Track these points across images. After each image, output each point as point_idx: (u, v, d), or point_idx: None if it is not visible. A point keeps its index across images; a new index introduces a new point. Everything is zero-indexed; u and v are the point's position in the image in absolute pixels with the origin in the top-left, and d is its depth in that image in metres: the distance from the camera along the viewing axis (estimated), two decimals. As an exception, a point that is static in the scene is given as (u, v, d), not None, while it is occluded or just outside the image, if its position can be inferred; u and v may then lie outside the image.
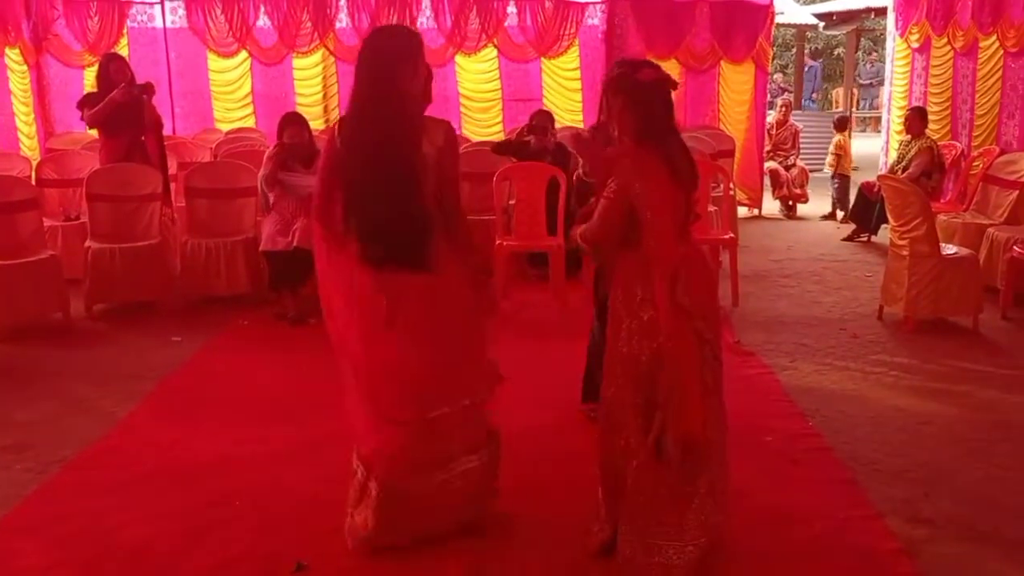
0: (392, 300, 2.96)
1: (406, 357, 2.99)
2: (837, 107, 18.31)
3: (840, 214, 9.97)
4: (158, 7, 9.28)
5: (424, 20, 9.38)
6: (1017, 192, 7.15)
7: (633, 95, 2.88)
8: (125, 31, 9.23)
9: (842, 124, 10.56)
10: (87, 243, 6.32)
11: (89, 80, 8.76)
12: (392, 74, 2.95)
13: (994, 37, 7.95)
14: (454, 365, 3.07)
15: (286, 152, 5.98)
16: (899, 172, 7.97)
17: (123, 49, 8.93)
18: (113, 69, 6.58)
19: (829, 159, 10.31)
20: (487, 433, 3.23)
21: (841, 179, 10.13)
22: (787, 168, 10.59)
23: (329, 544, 3.19)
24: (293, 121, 6.17)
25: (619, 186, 2.83)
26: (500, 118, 9.76)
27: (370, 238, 2.95)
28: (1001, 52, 7.88)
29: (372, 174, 2.95)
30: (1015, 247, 6.08)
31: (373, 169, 2.95)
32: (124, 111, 6.48)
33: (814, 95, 19.94)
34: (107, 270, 6.21)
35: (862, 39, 20.30)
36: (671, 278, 2.75)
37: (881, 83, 14.83)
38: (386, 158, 2.93)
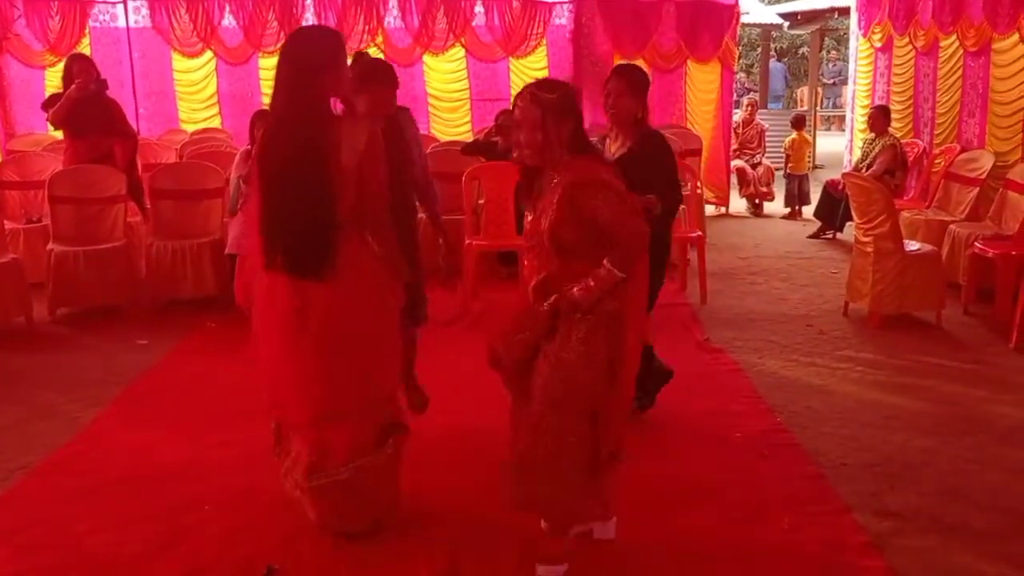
0: (300, 308, 2.95)
1: (304, 364, 3.01)
2: (802, 106, 18.50)
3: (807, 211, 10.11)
4: (121, 6, 9.16)
5: (391, 20, 9.36)
6: (978, 189, 7.28)
7: (573, 109, 2.90)
8: (87, 31, 9.09)
9: (798, 123, 10.71)
10: (50, 246, 6.22)
11: (50, 80, 8.64)
12: (312, 79, 2.92)
13: (954, 37, 8.07)
14: (352, 379, 3.05)
15: None
16: (863, 170, 8.08)
17: (85, 49, 8.80)
18: (77, 69, 6.48)
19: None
20: (380, 434, 3.17)
21: (790, 178, 10.34)
22: (753, 167, 10.70)
23: (300, 547, 3.17)
24: (266, 119, 6.12)
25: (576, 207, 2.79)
26: (468, 118, 9.76)
27: (274, 245, 2.95)
28: (961, 52, 8.00)
29: (282, 180, 2.92)
30: (976, 243, 6.18)
31: (284, 175, 2.92)
32: (86, 112, 6.38)
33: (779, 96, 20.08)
34: (71, 273, 6.12)
35: (826, 38, 20.51)
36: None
37: (844, 82, 15.02)
38: (298, 165, 2.90)
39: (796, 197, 10.34)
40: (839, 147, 12.50)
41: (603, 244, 2.79)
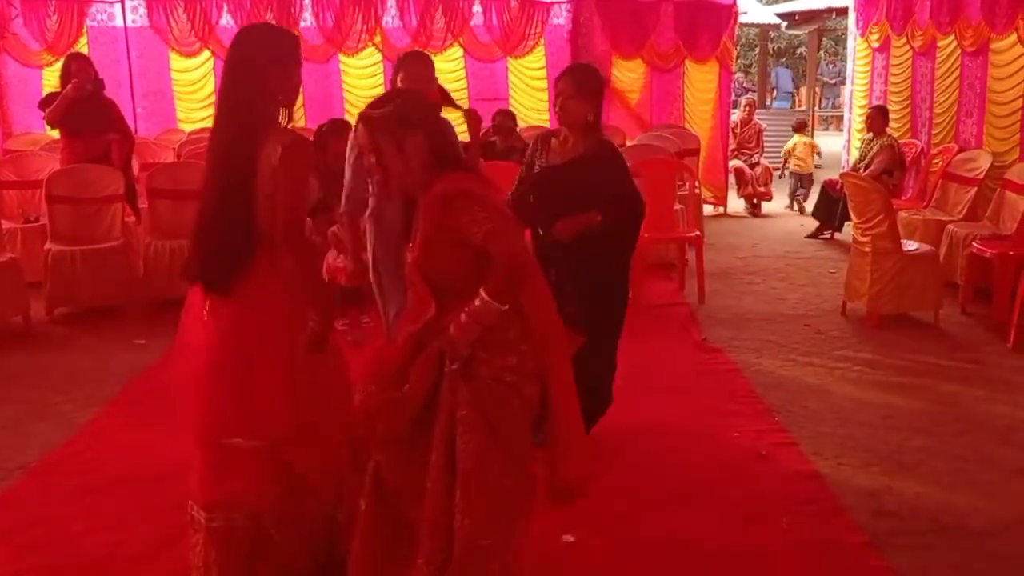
0: (212, 320, 2.71)
1: (215, 381, 2.71)
2: (800, 106, 18.53)
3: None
4: (118, 6, 9.15)
5: (389, 19, 9.35)
6: (975, 189, 7.28)
7: (417, 120, 2.46)
8: (85, 30, 9.08)
9: (800, 127, 10.76)
10: (47, 245, 6.21)
11: (48, 80, 8.63)
12: (248, 80, 2.66)
13: (952, 37, 8.08)
14: (250, 396, 2.69)
15: None
16: (861, 170, 8.08)
17: (83, 48, 8.77)
18: (75, 68, 6.47)
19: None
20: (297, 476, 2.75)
21: (794, 176, 10.56)
22: (752, 166, 10.71)
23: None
24: None
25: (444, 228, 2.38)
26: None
27: (193, 255, 2.74)
28: (959, 52, 8.01)
29: (206, 187, 2.71)
30: (974, 243, 6.19)
31: (207, 183, 2.71)
32: (83, 111, 6.38)
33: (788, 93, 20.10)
34: (68, 273, 6.11)
35: (824, 39, 20.53)
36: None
37: (843, 82, 15.03)
38: (222, 166, 2.68)
39: (798, 194, 10.59)
40: (837, 147, 12.51)
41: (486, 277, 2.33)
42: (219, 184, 2.67)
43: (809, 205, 9.95)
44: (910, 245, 6.05)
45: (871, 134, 8.44)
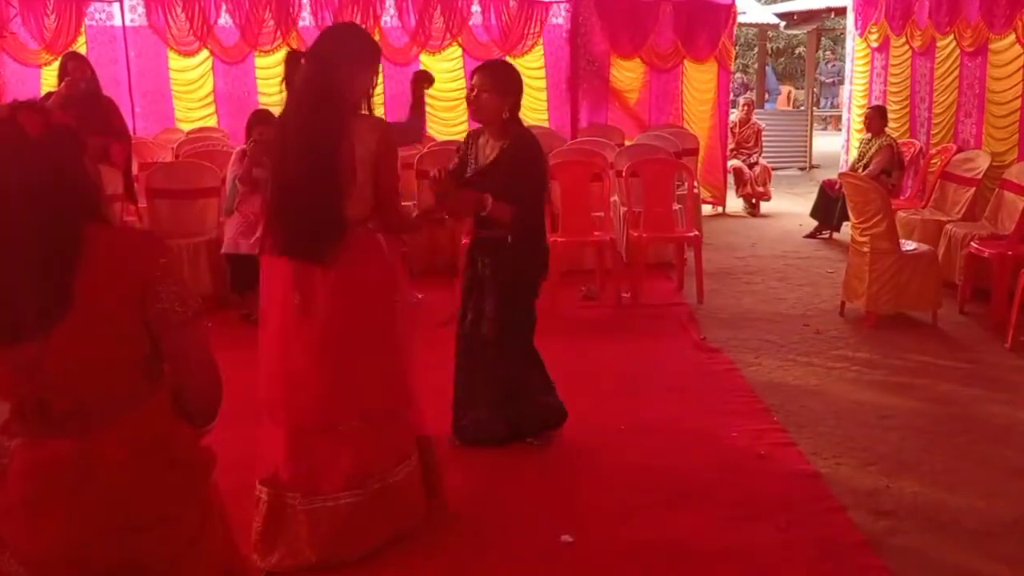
0: (305, 294, 2.94)
1: (317, 359, 2.96)
2: (784, 106, 18.54)
3: None
4: (117, 5, 9.12)
5: (388, 19, 9.33)
6: (974, 189, 7.28)
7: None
8: (83, 29, 9.06)
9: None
10: (46, 245, 6.19)
11: (46, 79, 8.61)
12: (331, 72, 2.92)
13: (951, 37, 8.07)
14: (364, 371, 3.02)
15: (258, 150, 5.93)
16: (860, 170, 8.08)
17: (81, 47, 8.75)
18: (72, 67, 6.47)
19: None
20: (413, 441, 3.18)
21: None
22: (750, 166, 10.71)
23: (296, 546, 3.16)
24: (262, 119, 6.12)
25: None
26: (465, 117, 9.72)
27: (278, 228, 2.97)
28: (958, 52, 8.01)
29: (290, 171, 2.94)
30: (972, 243, 6.19)
31: (292, 167, 2.93)
32: (79, 111, 6.36)
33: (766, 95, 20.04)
34: (67, 272, 6.09)
35: (823, 38, 20.54)
36: None
37: (841, 82, 15.03)
38: (312, 151, 2.90)
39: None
40: (835, 147, 12.51)
41: None
42: (308, 167, 2.90)
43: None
44: (908, 245, 6.06)
45: (869, 134, 8.43)
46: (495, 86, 3.71)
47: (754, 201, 10.73)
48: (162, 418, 1.82)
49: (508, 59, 9.62)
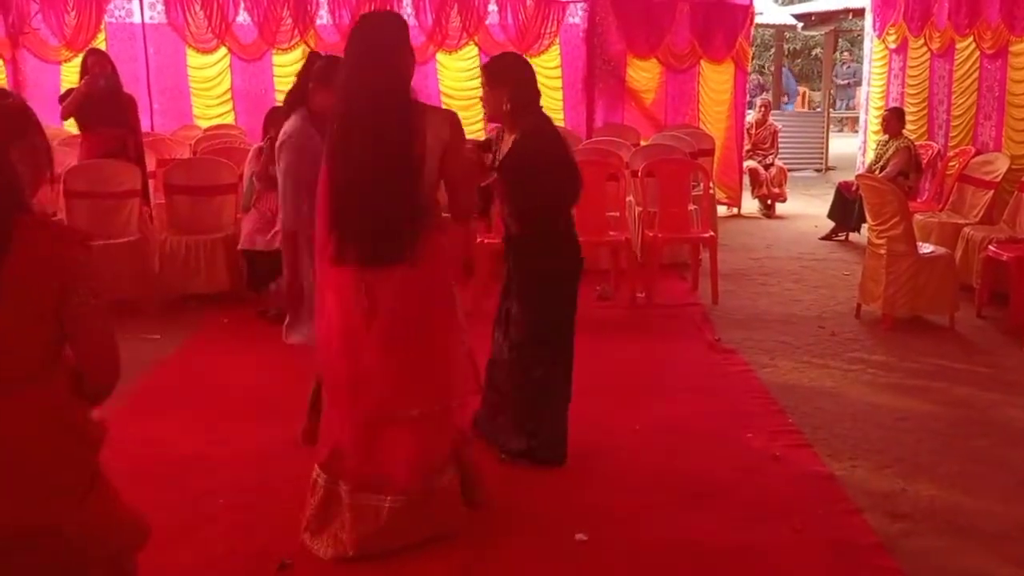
0: (372, 296, 2.92)
1: (383, 355, 2.98)
2: (802, 108, 18.44)
3: None
4: (136, 2, 9.20)
5: (405, 17, 9.30)
6: (992, 192, 7.24)
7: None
8: (103, 26, 9.13)
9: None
10: (65, 240, 6.24)
11: (66, 76, 8.68)
12: (391, 61, 2.86)
13: (971, 39, 8.03)
14: (428, 363, 3.05)
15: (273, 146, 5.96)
16: (877, 172, 8.04)
17: (100, 44, 8.82)
18: (92, 63, 6.53)
19: None
20: (456, 447, 3.20)
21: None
22: (766, 167, 10.68)
23: (312, 541, 3.18)
24: (280, 117, 6.14)
25: None
26: (481, 116, 9.71)
27: (355, 236, 2.90)
28: (977, 54, 7.96)
29: (363, 168, 2.86)
30: (990, 246, 6.15)
31: (365, 163, 2.86)
32: (99, 106, 6.42)
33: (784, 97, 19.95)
34: (85, 267, 6.14)
35: (840, 40, 20.43)
36: None
37: (858, 83, 14.96)
38: (383, 145, 2.84)
39: None
40: (851, 149, 12.45)
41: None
42: (382, 163, 2.83)
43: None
44: (926, 248, 6.03)
45: (887, 136, 8.39)
46: (488, 80, 3.68)
47: (769, 202, 10.69)
48: (61, 394, 1.95)
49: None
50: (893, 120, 8.37)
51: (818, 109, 16.31)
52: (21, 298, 1.83)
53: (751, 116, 11.11)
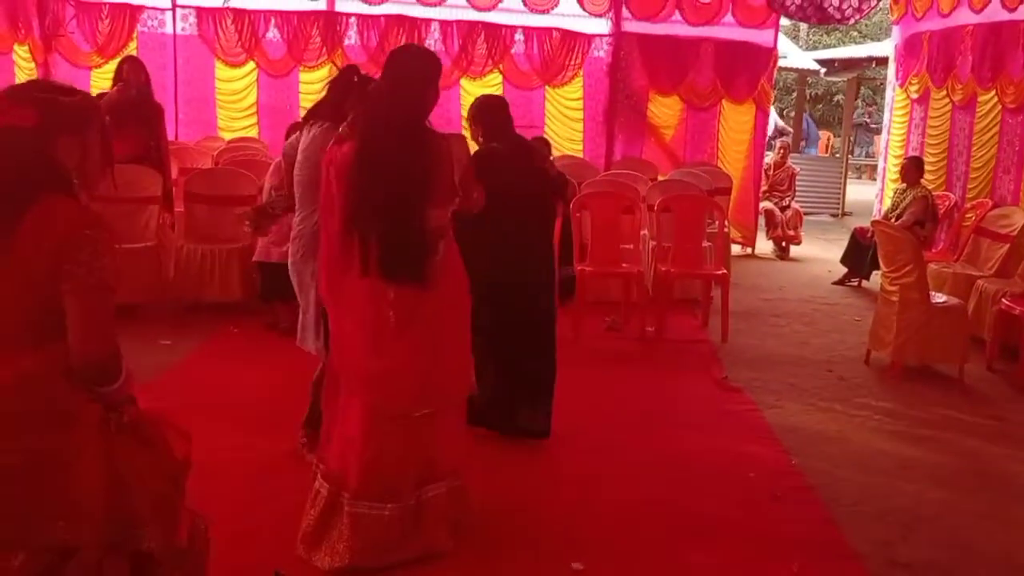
0: (401, 314, 3.05)
1: (408, 362, 3.09)
2: (823, 153, 18.52)
3: None
4: (169, 13, 9.35)
5: (432, 42, 9.46)
6: (1008, 245, 7.22)
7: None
8: (135, 35, 9.28)
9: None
10: (83, 242, 6.30)
11: (95, 82, 8.80)
12: (418, 93, 3.11)
13: (993, 92, 8.06)
14: (442, 366, 3.19)
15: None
16: (892, 219, 8.04)
17: (132, 53, 8.96)
18: (127, 70, 6.59)
19: None
20: (453, 464, 3.30)
21: None
22: (782, 209, 10.68)
23: (308, 554, 3.18)
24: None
25: None
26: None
27: (382, 256, 3.03)
28: (999, 108, 7.98)
29: (385, 190, 3.02)
30: (1003, 299, 6.13)
31: (387, 186, 3.02)
32: (128, 112, 6.49)
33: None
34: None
35: (862, 87, 20.52)
36: None
37: (878, 131, 15.00)
38: (402, 176, 3.03)
39: None
40: (868, 196, 12.46)
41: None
42: (405, 188, 3.03)
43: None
44: (938, 297, 6.01)
45: (904, 184, 8.40)
46: (470, 122, 4.48)
47: (784, 244, 10.69)
48: (52, 370, 2.01)
49: (547, 89, 9.74)
50: (912, 169, 8.37)
51: (837, 155, 16.34)
52: (22, 258, 1.94)
53: (769, 157, 11.15)
